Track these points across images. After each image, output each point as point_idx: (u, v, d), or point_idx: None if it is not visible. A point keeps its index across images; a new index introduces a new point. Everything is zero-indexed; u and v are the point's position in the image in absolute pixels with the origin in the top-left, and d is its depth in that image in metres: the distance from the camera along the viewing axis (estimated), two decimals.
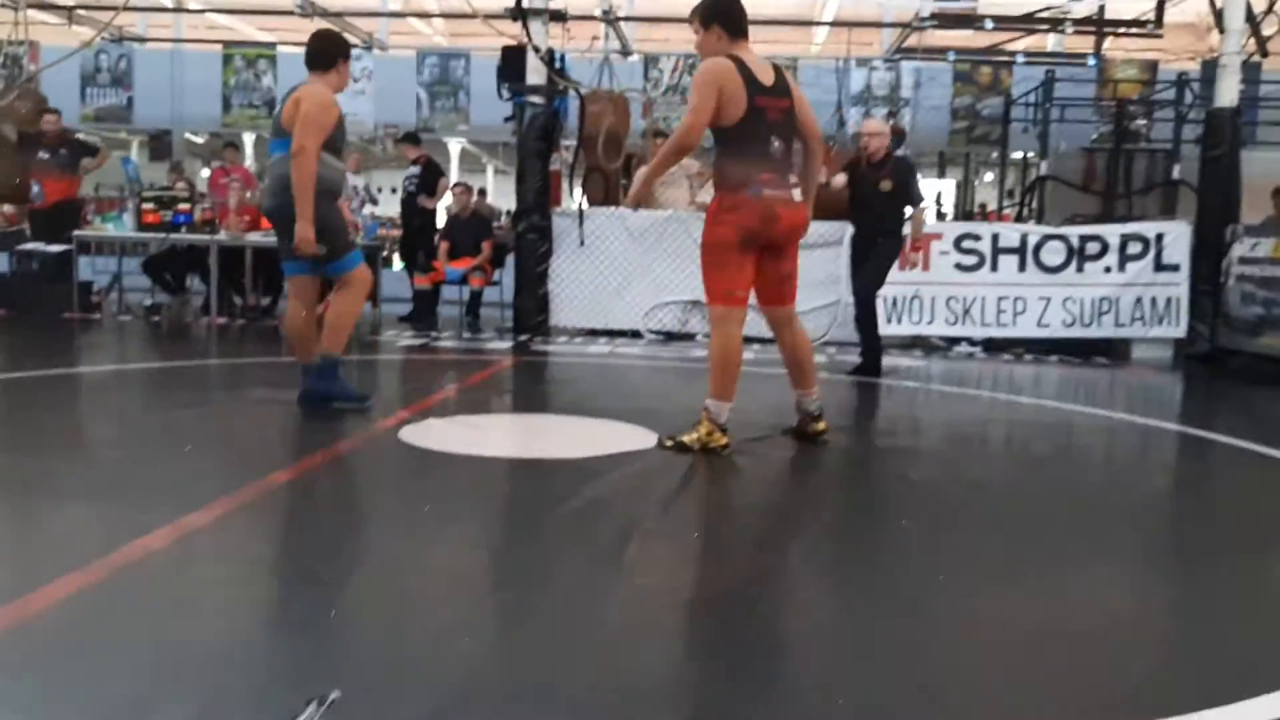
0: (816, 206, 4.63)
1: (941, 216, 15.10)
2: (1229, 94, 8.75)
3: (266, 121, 11.54)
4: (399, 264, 10.81)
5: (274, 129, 4.89)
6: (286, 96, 4.86)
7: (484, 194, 17.70)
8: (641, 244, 9.00)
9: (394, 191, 14.49)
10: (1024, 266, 8.80)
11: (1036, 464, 4.79)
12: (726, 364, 4.33)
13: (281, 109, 4.81)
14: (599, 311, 9.12)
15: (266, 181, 5.09)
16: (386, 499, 3.69)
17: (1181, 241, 8.72)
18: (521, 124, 9.18)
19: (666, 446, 4.32)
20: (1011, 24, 13.60)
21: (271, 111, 10.13)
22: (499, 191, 22.12)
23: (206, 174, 15.62)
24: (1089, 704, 2.11)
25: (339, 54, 4.92)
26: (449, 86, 15.36)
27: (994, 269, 8.81)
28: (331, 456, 4.25)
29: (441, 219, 10.66)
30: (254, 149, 16.57)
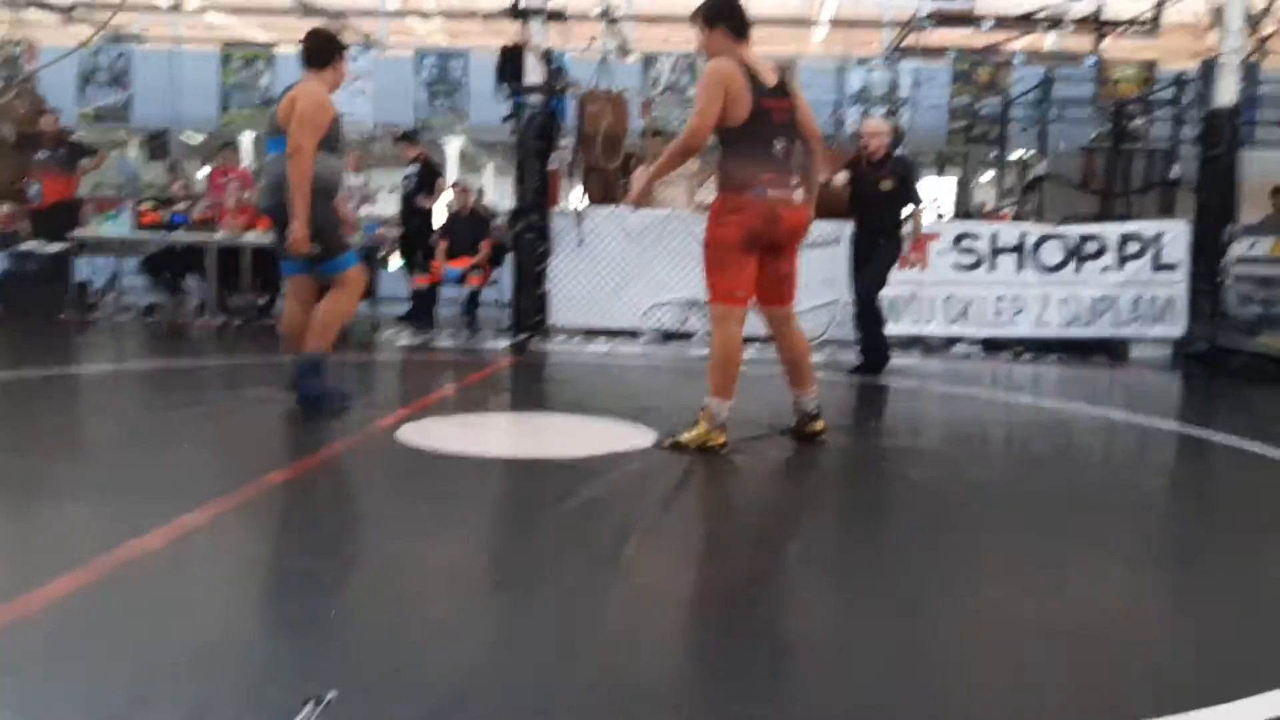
0: (818, 206, 4.64)
1: (940, 216, 15.10)
2: (1227, 94, 8.75)
3: (265, 121, 11.52)
4: (397, 263, 10.79)
5: (270, 128, 4.89)
6: (282, 95, 4.87)
7: (482, 193, 17.68)
8: (640, 243, 9.00)
9: (392, 191, 14.49)
10: (1022, 266, 8.81)
11: (1035, 463, 4.79)
12: (727, 362, 4.34)
13: (278, 108, 4.82)
14: (597, 311, 9.12)
15: (263, 180, 5.09)
16: (384, 499, 3.69)
17: (1180, 241, 8.72)
18: (520, 123, 9.18)
19: (665, 446, 4.32)
20: (1010, 24, 13.62)
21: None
22: (497, 191, 22.11)
23: (204, 174, 15.62)
24: (1088, 703, 2.11)
25: (334, 52, 4.93)
26: (447, 86, 15.34)
27: (992, 268, 8.83)
28: (329, 456, 4.25)
29: (440, 218, 10.65)
30: (252, 148, 16.54)
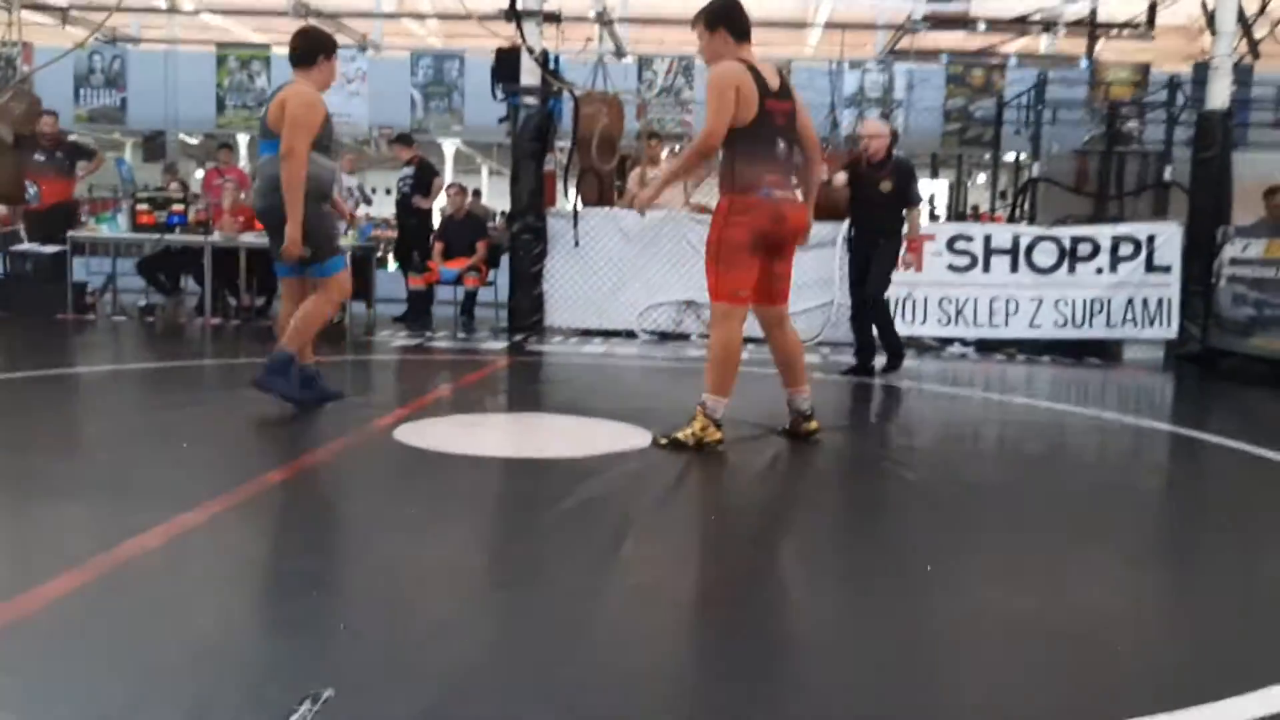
0: (817, 207, 4.68)
1: (935, 218, 15.15)
2: (1220, 96, 8.80)
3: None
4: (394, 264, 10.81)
5: (261, 130, 4.87)
6: (271, 97, 4.85)
7: (478, 195, 17.70)
8: (636, 244, 9.02)
9: (388, 193, 14.48)
10: (1016, 267, 8.85)
11: (1030, 464, 4.81)
12: (727, 360, 4.37)
13: (267, 110, 4.79)
14: (594, 312, 9.14)
15: (257, 183, 5.08)
16: (382, 498, 3.70)
17: (1173, 243, 8.76)
18: (516, 125, 9.19)
19: (661, 444, 4.34)
20: (1004, 26, 13.67)
21: None
22: (493, 192, 22.13)
23: (200, 175, 15.61)
24: (1085, 702, 2.12)
25: (321, 51, 4.89)
26: (443, 87, 15.37)
27: (986, 270, 8.86)
28: (326, 456, 4.26)
29: (436, 219, 10.66)
30: (248, 150, 16.55)
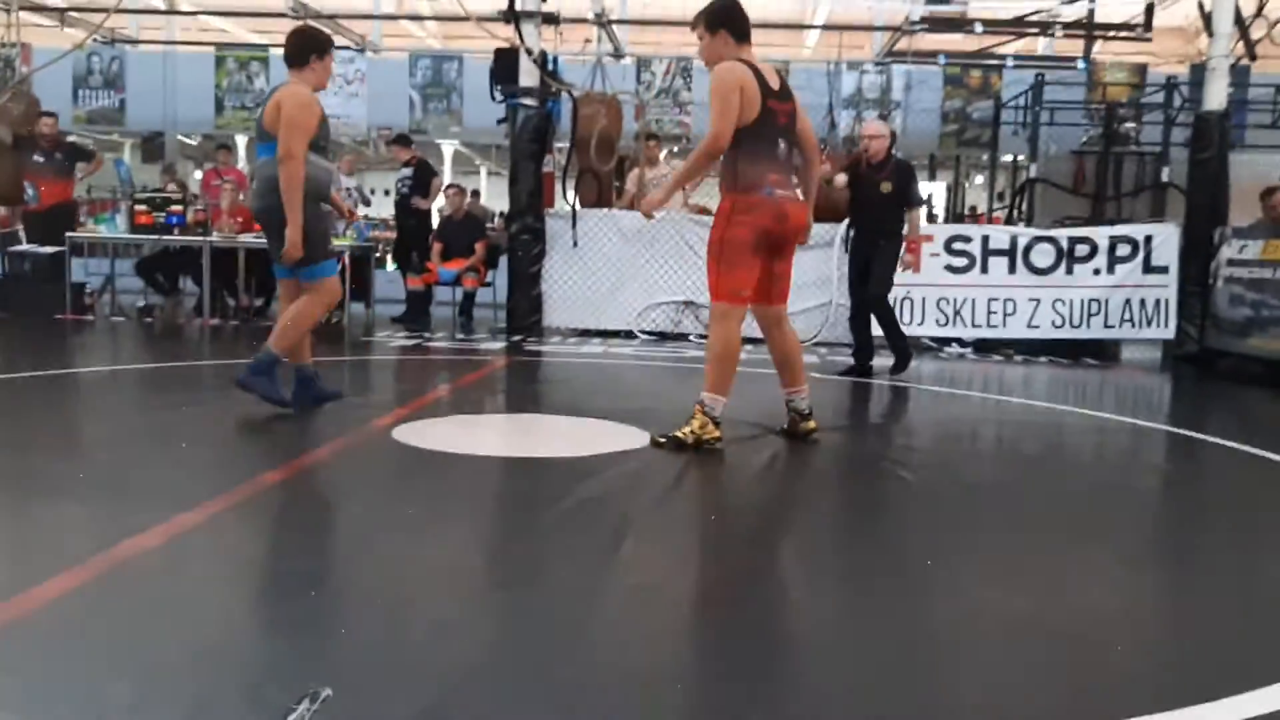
0: (817, 208, 4.70)
1: (933, 219, 15.15)
2: (1217, 97, 8.82)
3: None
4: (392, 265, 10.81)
5: (258, 132, 4.86)
6: (267, 98, 4.84)
7: (477, 195, 17.71)
8: (634, 245, 9.03)
9: (387, 193, 14.49)
10: (1014, 268, 8.86)
11: (1028, 464, 4.82)
12: (726, 359, 4.38)
13: (263, 112, 4.78)
14: (592, 312, 9.15)
15: (255, 184, 5.08)
16: (381, 498, 3.70)
17: (1170, 243, 8.78)
18: (514, 126, 9.20)
19: (660, 443, 4.35)
20: (1001, 27, 13.68)
21: None
22: (492, 193, 22.13)
23: (199, 176, 15.61)
24: (1084, 702, 2.13)
25: (314, 50, 4.87)
26: (442, 89, 15.37)
27: (984, 271, 8.88)
28: (325, 456, 4.27)
29: (435, 220, 10.67)
30: (246, 151, 16.54)
